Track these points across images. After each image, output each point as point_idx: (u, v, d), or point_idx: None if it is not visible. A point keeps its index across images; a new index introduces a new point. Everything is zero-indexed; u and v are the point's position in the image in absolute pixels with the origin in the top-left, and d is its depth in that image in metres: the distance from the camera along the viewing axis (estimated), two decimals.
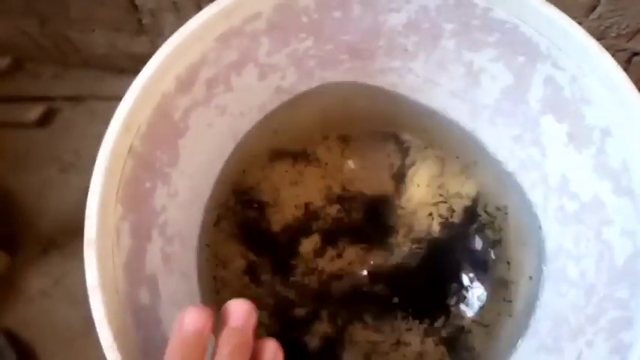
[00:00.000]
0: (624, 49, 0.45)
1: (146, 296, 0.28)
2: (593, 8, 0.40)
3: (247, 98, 0.34)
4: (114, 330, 0.24)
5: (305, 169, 0.38)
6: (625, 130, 0.28)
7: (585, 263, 0.31)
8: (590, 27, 0.42)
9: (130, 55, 0.58)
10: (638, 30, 0.42)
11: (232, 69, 0.31)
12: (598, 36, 0.41)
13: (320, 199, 0.38)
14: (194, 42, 0.28)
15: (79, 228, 0.24)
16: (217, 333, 0.22)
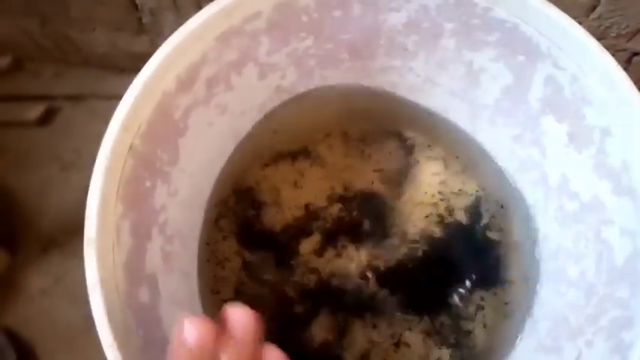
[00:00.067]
0: (624, 49, 0.45)
1: (146, 295, 0.28)
2: (593, 8, 0.40)
3: (247, 97, 0.34)
4: (114, 329, 0.24)
5: (305, 169, 0.38)
6: (625, 130, 0.28)
7: (585, 263, 0.31)
8: (590, 27, 0.42)
9: (131, 54, 0.58)
10: (638, 30, 0.42)
11: (232, 68, 0.31)
12: (598, 36, 0.41)
13: (320, 199, 0.38)
14: (194, 41, 0.28)
15: (80, 227, 0.24)
16: (217, 341, 0.21)
